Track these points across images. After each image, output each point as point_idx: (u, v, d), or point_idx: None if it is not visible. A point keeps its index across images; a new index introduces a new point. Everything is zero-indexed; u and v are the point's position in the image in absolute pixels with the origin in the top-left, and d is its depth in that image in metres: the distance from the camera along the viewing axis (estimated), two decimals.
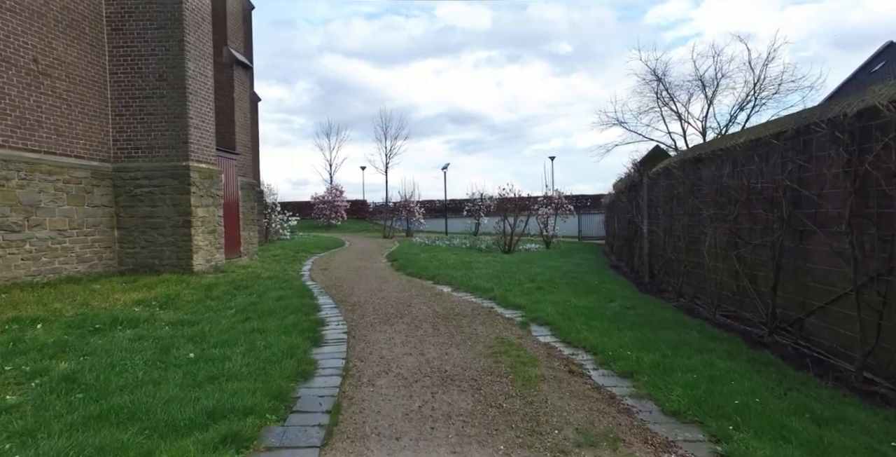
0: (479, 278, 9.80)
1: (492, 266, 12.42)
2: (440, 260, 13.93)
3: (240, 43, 13.97)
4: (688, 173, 7.84)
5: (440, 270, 11.18)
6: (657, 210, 10.04)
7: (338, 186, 41.87)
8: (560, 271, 11.58)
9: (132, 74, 9.57)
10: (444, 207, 33.98)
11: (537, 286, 8.78)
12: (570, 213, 23.76)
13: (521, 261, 14.22)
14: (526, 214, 18.83)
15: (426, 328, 5.71)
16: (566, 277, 10.48)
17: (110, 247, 9.51)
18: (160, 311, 6.58)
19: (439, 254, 15.93)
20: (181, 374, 3.83)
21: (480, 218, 29.31)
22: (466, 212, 30.64)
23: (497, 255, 16.42)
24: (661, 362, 4.15)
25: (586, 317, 6.21)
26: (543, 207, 22.00)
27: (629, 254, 14.14)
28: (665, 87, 27.30)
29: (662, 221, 9.49)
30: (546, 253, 18.08)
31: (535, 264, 13.22)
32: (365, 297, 7.97)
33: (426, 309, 6.87)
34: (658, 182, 9.97)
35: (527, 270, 11.59)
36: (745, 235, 6.01)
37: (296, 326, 5.44)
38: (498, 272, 11.00)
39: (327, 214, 40.22)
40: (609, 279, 10.37)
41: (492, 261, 13.91)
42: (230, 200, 12.21)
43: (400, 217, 34.20)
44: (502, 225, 18.07)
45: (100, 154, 9.43)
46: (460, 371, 4.08)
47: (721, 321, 6.29)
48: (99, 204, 9.32)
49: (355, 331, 5.60)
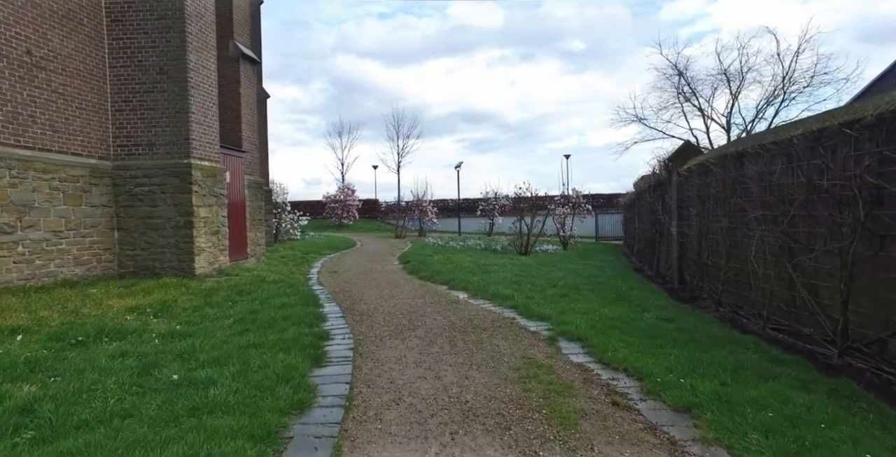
0: (497, 284, 9.16)
1: (509, 269, 11.78)
2: (454, 262, 13.32)
3: (246, 37, 13.50)
4: (728, 170, 7.13)
5: (455, 274, 10.57)
6: (689, 211, 9.32)
7: (349, 186, 41.48)
8: (583, 276, 10.90)
9: (132, 68, 9.09)
10: (457, 206, 33.34)
11: (561, 293, 8.13)
12: (587, 213, 23.00)
13: (539, 264, 13.55)
14: (543, 213, 18.14)
15: (442, 344, 5.10)
16: (591, 282, 9.80)
17: (110, 249, 9.05)
18: (153, 319, 6.06)
19: (453, 256, 15.32)
20: (158, 403, 3.27)
21: (495, 218, 28.64)
22: (480, 211, 29.98)
23: (513, 256, 15.77)
24: (720, 392, 3.50)
25: (621, 331, 5.55)
26: (560, 207, 21.26)
27: (652, 257, 13.45)
28: (687, 81, 26.41)
29: (695, 222, 8.77)
30: (564, 254, 17.38)
31: (555, 268, 12.55)
32: (375, 304, 7.39)
33: (441, 320, 6.26)
34: (690, 180, 9.25)
35: (547, 275, 10.93)
36: (802, 240, 5.30)
37: (296, 341, 4.86)
38: (517, 276, 10.35)
39: (339, 213, 39.83)
40: (637, 285, 9.67)
41: (509, 263, 13.26)
42: (236, 199, 11.73)
43: (412, 217, 33.66)
44: (518, 225, 17.40)
45: (98, 151, 8.97)
46: (484, 402, 3.46)
47: (773, 336, 5.59)
48: (98, 204, 8.86)
49: (362, 347, 5.01)
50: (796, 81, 23.65)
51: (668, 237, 10.96)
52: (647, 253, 14.77)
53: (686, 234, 9.53)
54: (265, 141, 16.87)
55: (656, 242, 13.21)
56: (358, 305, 7.31)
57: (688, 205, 9.46)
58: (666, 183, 11.38)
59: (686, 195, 9.53)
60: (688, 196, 9.43)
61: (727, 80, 25.53)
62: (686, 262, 9.54)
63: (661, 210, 11.69)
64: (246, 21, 13.60)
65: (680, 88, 26.69)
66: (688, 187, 9.44)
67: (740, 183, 6.77)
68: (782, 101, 23.92)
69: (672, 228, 10.33)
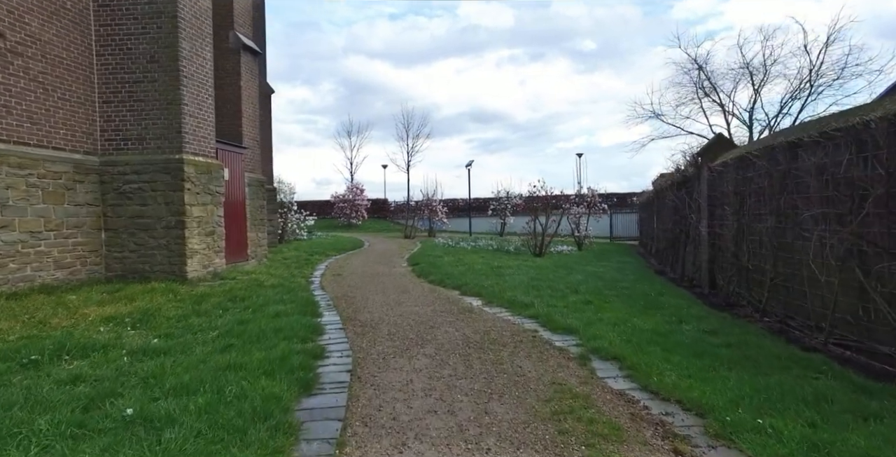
0: (513, 289, 8.41)
1: (525, 272, 11.01)
2: (466, 264, 12.58)
3: (248, 28, 12.86)
4: (777, 163, 6.31)
5: (467, 278, 9.82)
6: (723, 209, 8.51)
7: (358, 185, 40.90)
8: (604, 279, 10.10)
9: (121, 56, 8.45)
10: (467, 206, 32.58)
11: (585, 300, 7.35)
12: (603, 212, 22.14)
13: (556, 266, 12.77)
14: (558, 213, 17.34)
15: (455, 364, 4.36)
16: (614, 287, 9.00)
17: (96, 251, 8.42)
18: (130, 332, 5.39)
19: (465, 257, 14.57)
20: (95, 451, 2.56)
21: (506, 217, 27.85)
22: (491, 211, 29.21)
23: (528, 258, 14.99)
24: (813, 438, 2.72)
25: (661, 347, 4.78)
26: (575, 206, 20.44)
27: (675, 258, 12.64)
28: (706, 76, 25.42)
29: (732, 221, 7.96)
30: (580, 256, 16.57)
31: (573, 270, 11.76)
32: (380, 313, 6.66)
33: (454, 333, 5.52)
34: (724, 176, 8.44)
35: (566, 278, 10.15)
36: (879, 242, 4.49)
37: (284, 361, 4.14)
38: (534, 280, 9.59)
39: (347, 213, 39.26)
40: (664, 290, 8.86)
41: (523, 266, 12.50)
42: (235, 198, 11.09)
43: (422, 216, 32.96)
44: (532, 225, 16.61)
45: (84, 146, 8.34)
46: (512, 452, 2.72)
47: (840, 355, 4.78)
48: (83, 202, 8.23)
49: (362, 368, 4.28)
50: (824, 74, 22.59)
51: (696, 238, 10.15)
52: (667, 254, 13.95)
53: (719, 234, 8.73)
54: (269, 138, 16.25)
55: (680, 242, 12.39)
56: (361, 314, 6.59)
57: (721, 202, 8.65)
58: (693, 179, 10.57)
59: (720, 192, 8.72)
60: (721, 193, 8.63)
61: (749, 74, 24.52)
62: (719, 265, 8.74)
63: (688, 209, 10.88)
64: (248, 12, 12.96)
65: (699, 83, 25.73)
66: (721, 183, 8.64)
67: (793, 177, 5.96)
68: (808, 95, 22.87)
69: (701, 227, 9.52)
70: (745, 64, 24.43)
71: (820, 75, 22.62)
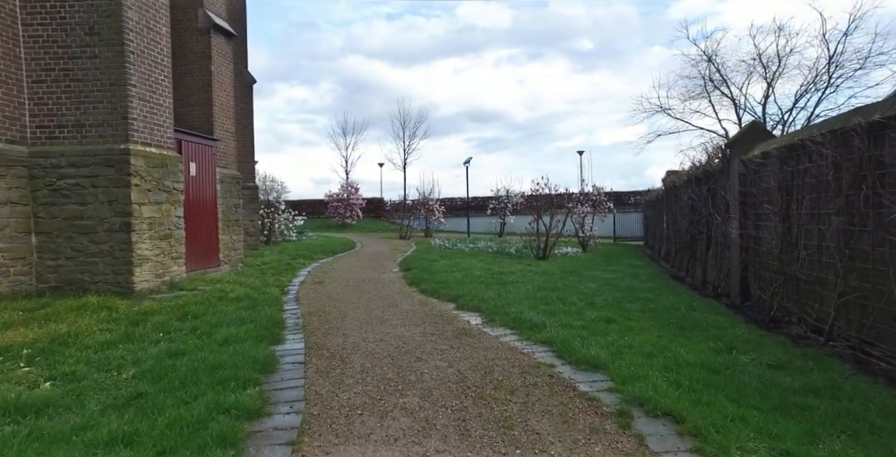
0: (518, 302, 7.14)
1: (530, 280, 9.74)
2: (464, 269, 11.31)
3: (222, 6, 11.55)
4: (849, 150, 5.04)
5: (465, 287, 8.55)
6: (760, 208, 7.28)
7: (353, 183, 39.59)
8: (620, 288, 8.85)
9: (53, 26, 7.14)
10: (465, 205, 31.31)
11: (605, 318, 6.08)
12: (608, 211, 20.88)
13: (563, 271, 11.51)
14: (563, 212, 16.08)
15: (445, 427, 3.09)
16: (634, 297, 7.75)
17: (24, 258, 7.12)
18: (22, 369, 4.10)
19: (462, 261, 13.30)
20: None
21: (506, 217, 26.57)
22: (490, 210, 27.93)
23: (531, 262, 13.72)
24: None
25: (724, 394, 3.53)
26: (580, 205, 19.18)
27: (692, 262, 11.45)
28: (717, 68, 24.15)
29: (777, 222, 6.72)
30: (587, 259, 15.32)
31: (582, 277, 10.50)
32: (356, 336, 5.38)
33: (447, 369, 4.24)
34: (765, 169, 7.20)
35: (577, 286, 8.89)
36: None
37: (199, 430, 2.86)
38: (541, 290, 8.32)
39: (342, 212, 37.96)
40: (693, 302, 7.60)
41: (527, 271, 11.23)
42: (203, 196, 9.79)
43: (418, 216, 31.66)
44: (535, 226, 15.35)
45: (8, 133, 7.03)
46: None
47: None
48: (5, 200, 6.91)
49: (312, 438, 2.98)
50: (843, 65, 21.30)
51: (722, 241, 8.93)
52: (681, 257, 12.74)
53: (756, 237, 7.49)
54: (251, 132, 14.94)
55: (699, 244, 11.17)
56: (332, 338, 5.30)
57: (758, 200, 7.42)
58: (718, 174, 9.34)
59: (758, 188, 7.47)
60: (760, 189, 7.39)
61: (763, 65, 23.25)
62: (755, 272, 7.51)
63: (710, 207, 9.65)
64: None
65: (709, 76, 24.46)
66: (759, 178, 7.41)
67: (874, 166, 4.70)
68: (826, 88, 21.59)
69: (731, 229, 8.31)
70: (758, 55, 23.19)
71: (839, 66, 21.36)
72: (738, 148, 8.21)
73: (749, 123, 8.32)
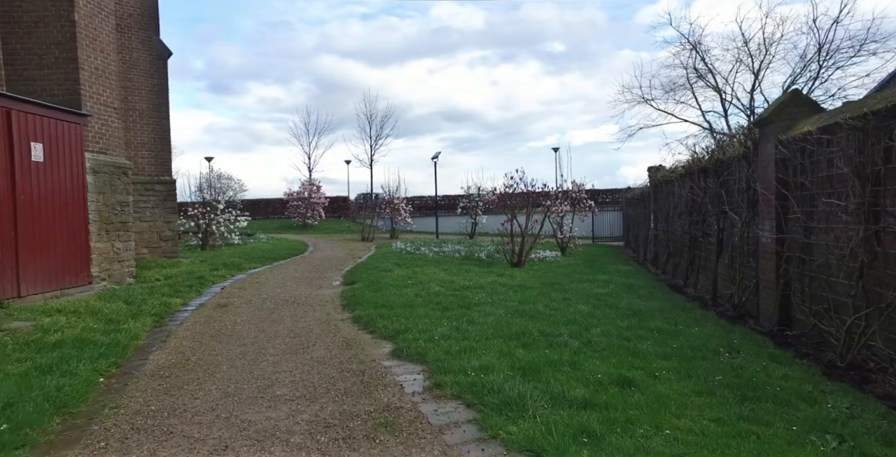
0: (484, 340, 4.90)
1: (502, 298, 7.51)
2: (420, 283, 9.02)
3: None
4: None
5: (414, 314, 6.26)
6: (821, 204, 5.23)
7: (314, 181, 36.80)
8: (619, 310, 6.70)
9: None
10: (434, 204, 28.99)
11: (618, 378, 3.83)
12: (589, 210, 18.83)
13: (543, 284, 9.31)
14: (541, 211, 13.92)
15: None
16: (643, 327, 5.63)
17: None
18: None
19: (422, 270, 11.00)
20: None
21: (478, 216, 24.35)
22: (461, 209, 25.69)
23: (504, 270, 11.50)
24: None
25: None
26: (559, 203, 17.10)
27: (691, 269, 9.61)
28: (701, 56, 22.42)
29: (849, 223, 4.67)
30: (568, 264, 13.20)
31: (568, 292, 8.32)
32: (182, 443, 3.02)
33: None
34: (825, 150, 5.16)
35: (564, 309, 6.70)
36: None
37: None
38: (516, 316, 6.10)
39: (302, 212, 35.15)
40: (726, 333, 5.48)
41: (499, 285, 8.99)
42: (58, 189, 7.22)
43: (383, 216, 29.18)
44: (510, 227, 13.16)
45: None
46: None
47: None
48: None
49: None
50: (832, 54, 19.76)
51: (744, 246, 6.91)
52: (677, 263, 10.80)
53: (806, 243, 5.46)
54: (165, 114, 12.27)
55: (702, 249, 9.20)
56: (137, 447, 2.92)
57: (812, 193, 5.39)
58: (736, 163, 7.33)
59: (811, 177, 5.42)
60: (816, 178, 5.34)
61: (749, 54, 21.61)
62: (806, 292, 5.47)
63: (725, 204, 7.63)
64: None
65: (693, 65, 22.72)
66: (814, 164, 5.38)
67: None
68: (817, 76, 20.03)
69: (762, 231, 6.28)
70: (745, 43, 21.55)
71: (830, 55, 19.83)
72: (774, 126, 6.14)
73: (789, 92, 6.25)
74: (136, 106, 11.41)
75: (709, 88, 23.18)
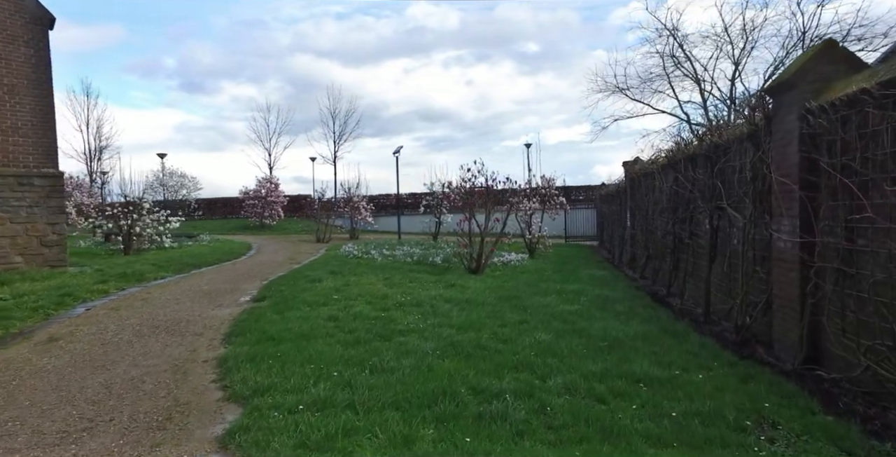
0: (379, 406, 3.10)
1: (439, 323, 5.71)
2: (347, 299, 7.19)
3: None
4: None
5: (303, 355, 4.44)
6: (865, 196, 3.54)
7: (272, 179, 34.40)
8: (590, 337, 5.01)
9: None
10: (397, 202, 27.07)
11: None
12: (560, 207, 17.16)
13: (498, 297, 7.55)
14: (505, 209, 12.16)
15: None
16: (627, 375, 3.92)
17: None
18: None
19: (359, 280, 9.15)
20: None
21: (442, 215, 22.52)
22: (424, 208, 23.84)
23: (457, 277, 9.72)
24: None
25: None
26: (527, 200, 15.41)
27: (674, 276, 8.23)
28: (679, 43, 21.05)
29: None
30: (535, 269, 11.50)
31: (528, 309, 6.58)
32: None
33: None
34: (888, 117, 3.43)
35: (517, 339, 4.93)
36: None
37: None
38: (450, 352, 4.35)
39: (259, 212, 32.76)
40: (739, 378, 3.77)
41: (444, 299, 7.21)
42: None
43: (343, 215, 27.14)
44: (468, 226, 11.39)
45: None
46: None
47: None
48: None
49: None
50: (815, 41, 18.57)
51: (748, 251, 5.32)
52: (657, 267, 9.22)
53: (850, 250, 3.82)
54: (48, 93, 10.07)
55: (689, 252, 7.62)
56: None
57: (859, 178, 3.70)
58: (738, 145, 5.74)
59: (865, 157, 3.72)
60: (874, 158, 3.63)
61: (730, 41, 20.33)
62: (850, 317, 3.81)
63: (722, 198, 6.02)
64: None
65: (671, 52, 21.35)
66: (867, 138, 3.67)
67: None
68: None
69: (780, 232, 4.69)
70: (725, 28, 20.25)
71: (813, 41, 18.63)
72: (797, 91, 4.49)
73: (822, 41, 4.60)
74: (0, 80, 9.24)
75: (687, 78, 21.88)
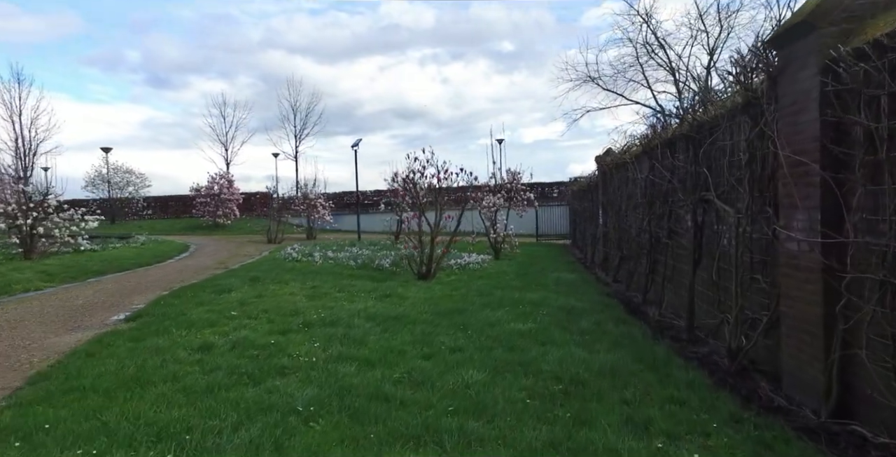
0: None
1: (344, 354, 4.18)
2: (246, 317, 5.70)
3: None
4: None
5: (122, 420, 2.83)
6: None
7: (226, 175, 32.15)
8: (539, 375, 3.59)
9: None
10: (357, 199, 25.39)
11: None
12: (527, 205, 15.77)
13: (437, 312, 6.03)
14: (460, 207, 10.66)
15: None
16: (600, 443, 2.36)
17: None
18: None
19: (277, 290, 7.58)
20: None
21: (404, 213, 20.97)
22: (384, 206, 22.24)
23: (402, 284, 8.20)
24: None
25: None
26: (490, 196, 13.99)
27: (651, 282, 6.81)
28: (653, 30, 19.96)
29: None
30: (496, 272, 10.05)
31: (470, 329, 5.10)
32: None
33: None
34: None
35: (436, 382, 3.41)
36: None
37: None
38: (318, 413, 2.75)
39: (212, 210, 30.56)
40: None
41: (369, 315, 5.68)
42: None
43: (298, 214, 25.32)
44: (417, 224, 9.90)
45: None
46: None
47: None
48: None
49: None
50: None
51: (743, 254, 3.96)
52: (632, 270, 7.94)
53: None
54: None
55: (667, 254, 6.29)
56: None
57: None
58: (728, 122, 4.33)
59: None
60: None
61: (704, 29, 19.32)
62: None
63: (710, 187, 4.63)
64: None
65: (644, 40, 20.25)
66: None
67: None
68: None
69: (791, 230, 3.29)
70: (699, 15, 19.23)
71: None
72: (816, 36, 3.02)
73: None
74: None
75: (661, 68, 20.82)
